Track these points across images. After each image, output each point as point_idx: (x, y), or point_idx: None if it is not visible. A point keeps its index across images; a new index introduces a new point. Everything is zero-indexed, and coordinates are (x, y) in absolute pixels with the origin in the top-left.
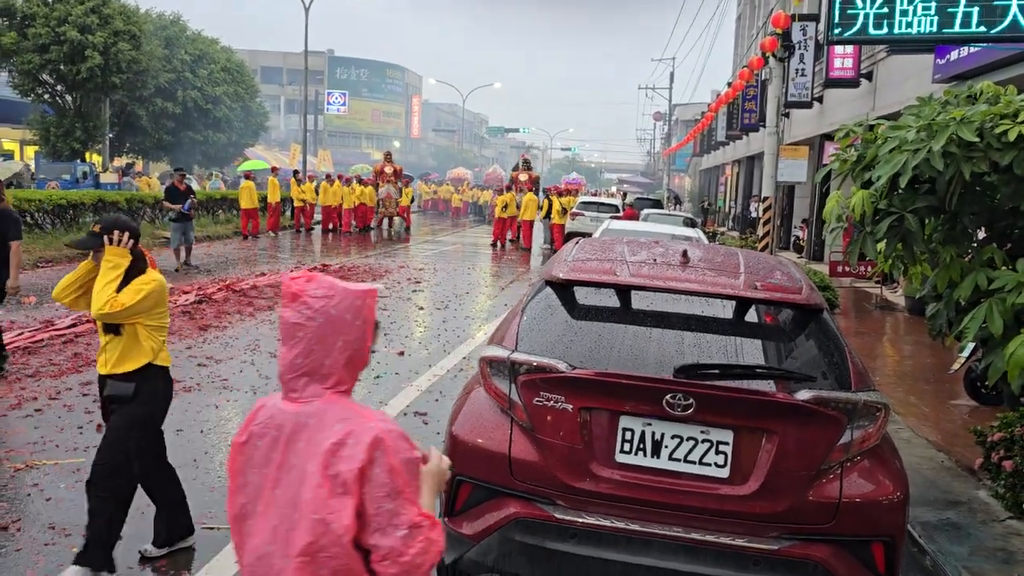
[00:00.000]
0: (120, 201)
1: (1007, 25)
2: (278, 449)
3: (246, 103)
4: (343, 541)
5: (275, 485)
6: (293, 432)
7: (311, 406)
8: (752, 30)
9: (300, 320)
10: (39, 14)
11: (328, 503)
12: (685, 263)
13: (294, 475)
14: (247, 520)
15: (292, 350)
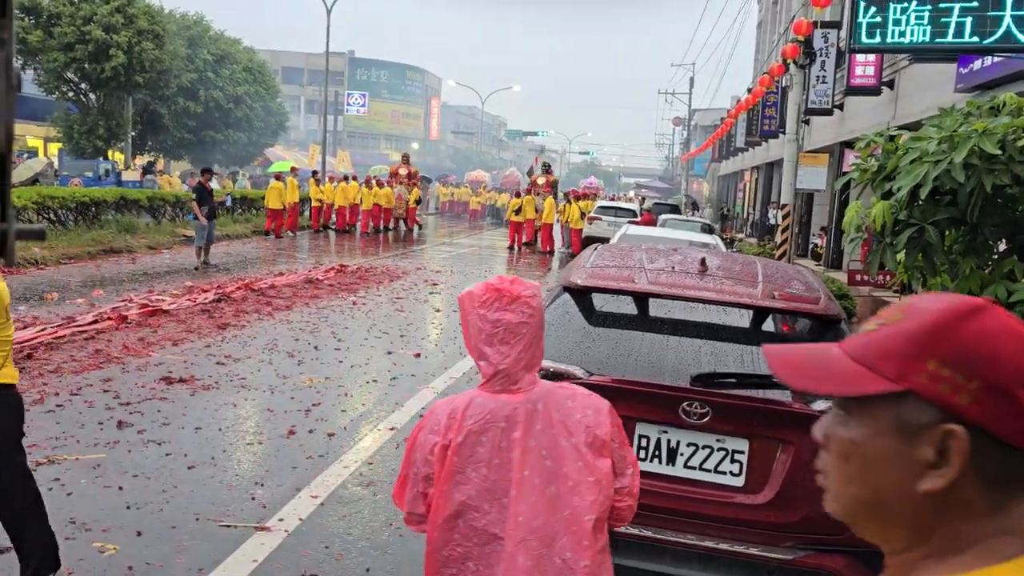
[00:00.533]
0: (141, 199)
1: (1000, 35)
2: (511, 437)
3: (267, 103)
4: (610, 492)
5: (523, 468)
6: (527, 419)
7: (532, 393)
8: (773, 36)
9: (523, 319)
10: (65, 13)
11: (596, 465)
12: (703, 271)
13: (543, 454)
14: (470, 513)
15: (515, 347)
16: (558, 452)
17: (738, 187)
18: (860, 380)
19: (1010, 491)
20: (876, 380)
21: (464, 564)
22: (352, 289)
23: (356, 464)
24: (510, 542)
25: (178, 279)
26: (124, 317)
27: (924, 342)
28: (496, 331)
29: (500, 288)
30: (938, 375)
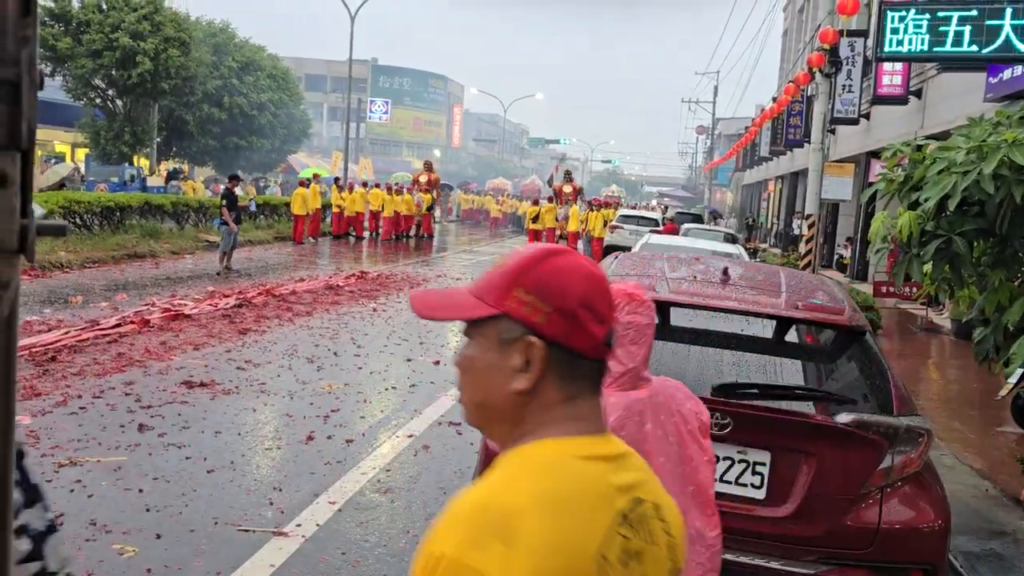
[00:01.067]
0: (165, 204)
1: (1000, 44)
2: (644, 430)
3: (290, 110)
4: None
5: (659, 456)
6: (653, 412)
7: (652, 388)
8: (799, 45)
9: (648, 321)
10: (94, 21)
11: (705, 446)
12: (725, 281)
13: (670, 440)
14: None
15: (643, 347)
16: (680, 438)
17: (762, 197)
18: (473, 308)
19: (580, 389)
20: (483, 307)
21: None
22: (372, 296)
23: (374, 471)
24: None
25: (200, 284)
26: (146, 321)
27: (514, 276)
28: (627, 332)
29: (631, 292)
30: (523, 300)
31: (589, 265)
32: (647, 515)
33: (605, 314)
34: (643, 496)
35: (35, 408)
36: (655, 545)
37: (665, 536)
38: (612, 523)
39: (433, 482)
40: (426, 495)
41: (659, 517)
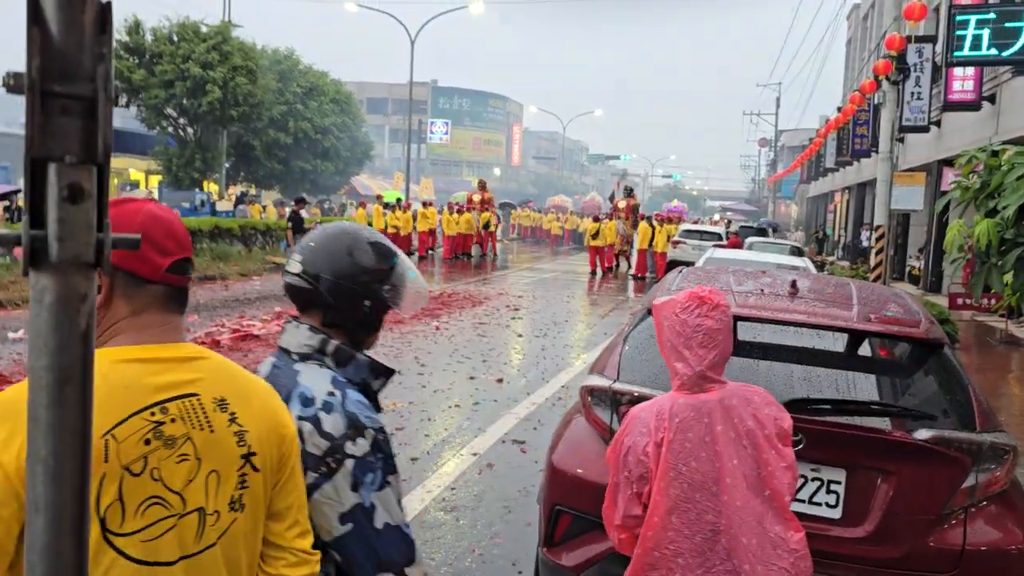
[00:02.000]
0: (234, 227)
1: (1020, 47)
2: (716, 430)
3: (353, 133)
4: (797, 475)
5: (731, 458)
6: (724, 414)
7: (723, 391)
8: (863, 53)
9: (721, 326)
10: (166, 52)
11: (784, 452)
12: (794, 294)
13: (744, 444)
14: (684, 506)
15: (712, 351)
16: (756, 442)
17: (828, 208)
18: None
19: (146, 306)
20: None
21: (674, 561)
22: (435, 314)
23: (439, 489)
24: (732, 526)
25: (268, 305)
26: (217, 342)
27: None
28: (695, 335)
29: (702, 296)
30: None
31: (156, 209)
32: (199, 407)
33: (167, 247)
34: (197, 391)
35: None
36: (210, 431)
37: (230, 425)
38: (134, 411)
39: (497, 500)
40: (491, 513)
41: (223, 410)
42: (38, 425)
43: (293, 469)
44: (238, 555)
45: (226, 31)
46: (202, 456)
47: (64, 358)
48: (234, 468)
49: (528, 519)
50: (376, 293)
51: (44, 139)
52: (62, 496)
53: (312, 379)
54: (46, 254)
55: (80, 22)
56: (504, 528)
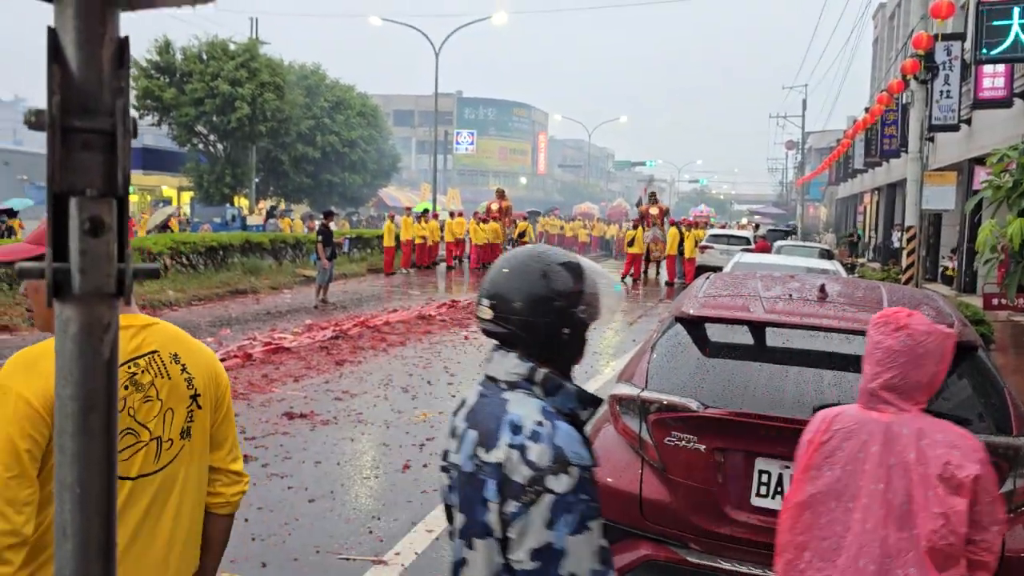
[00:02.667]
0: (264, 242)
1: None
2: (871, 450)
3: (380, 145)
4: (959, 531)
5: (878, 480)
6: (886, 438)
7: (901, 417)
8: (890, 52)
9: (903, 348)
10: (195, 70)
11: (945, 501)
12: (823, 298)
13: (899, 474)
14: (816, 507)
15: (887, 371)
16: (909, 475)
17: (857, 210)
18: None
19: None
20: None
21: (802, 552)
22: (464, 324)
23: None
24: (853, 545)
25: (298, 318)
26: (249, 355)
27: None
28: (875, 352)
29: (889, 315)
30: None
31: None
32: (160, 361)
33: None
34: (157, 349)
35: None
36: (168, 379)
37: (182, 373)
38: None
39: None
40: None
41: (176, 363)
42: (64, 453)
43: (228, 408)
44: (184, 474)
45: (254, 48)
46: (163, 398)
47: (88, 386)
48: (184, 405)
49: None
50: (572, 318)
51: (65, 174)
52: (89, 522)
53: (521, 408)
54: (69, 286)
55: (99, 58)
56: None
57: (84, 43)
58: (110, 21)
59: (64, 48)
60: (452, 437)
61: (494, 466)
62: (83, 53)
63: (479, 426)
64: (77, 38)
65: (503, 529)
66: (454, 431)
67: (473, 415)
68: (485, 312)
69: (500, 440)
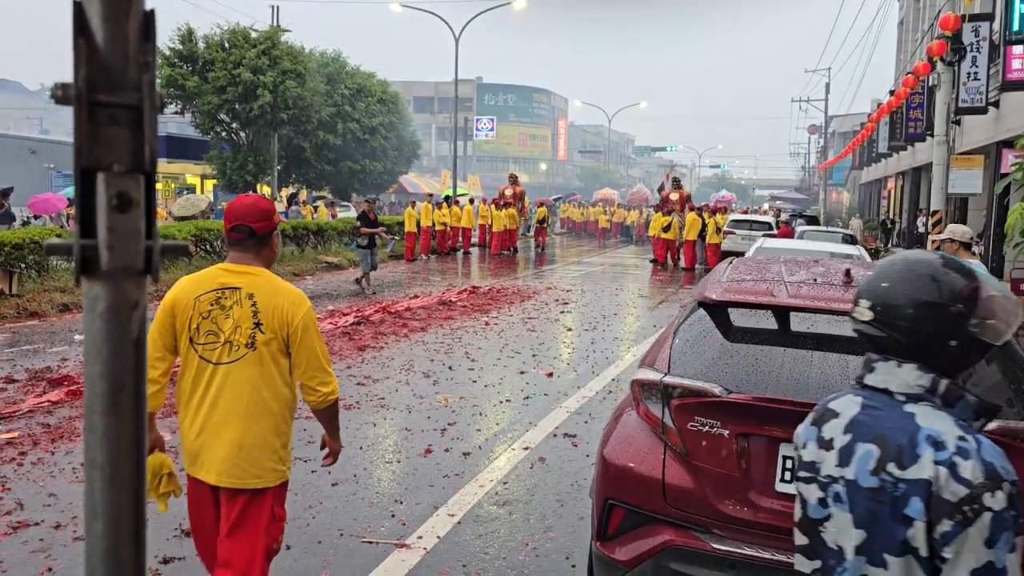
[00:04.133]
0: (286, 228)
1: None
2: None
3: (400, 132)
4: None
5: None
6: None
7: None
8: (916, 34)
9: None
10: (218, 59)
11: None
12: (848, 283)
13: None
14: None
15: None
16: None
17: (882, 195)
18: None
19: (231, 250)
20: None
21: None
22: (484, 310)
23: (491, 483)
24: None
25: (320, 304)
26: None
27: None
28: None
29: None
30: None
31: (236, 200)
32: (239, 295)
33: (227, 220)
34: (240, 286)
35: (174, 424)
36: (241, 307)
37: (251, 306)
38: (207, 290)
39: (550, 494)
40: (543, 507)
41: (249, 299)
42: (94, 432)
43: (301, 342)
44: (249, 371)
45: (275, 36)
46: (235, 317)
47: (117, 365)
48: (248, 326)
49: (581, 513)
50: (963, 329)
51: (92, 149)
52: (119, 501)
53: (936, 423)
54: (97, 262)
55: (125, 31)
56: (557, 522)
57: (110, 16)
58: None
59: (90, 21)
60: (824, 449)
61: (917, 483)
62: (109, 27)
63: (882, 441)
64: (103, 11)
65: (930, 548)
66: (828, 443)
67: (865, 428)
68: (864, 314)
69: (921, 456)
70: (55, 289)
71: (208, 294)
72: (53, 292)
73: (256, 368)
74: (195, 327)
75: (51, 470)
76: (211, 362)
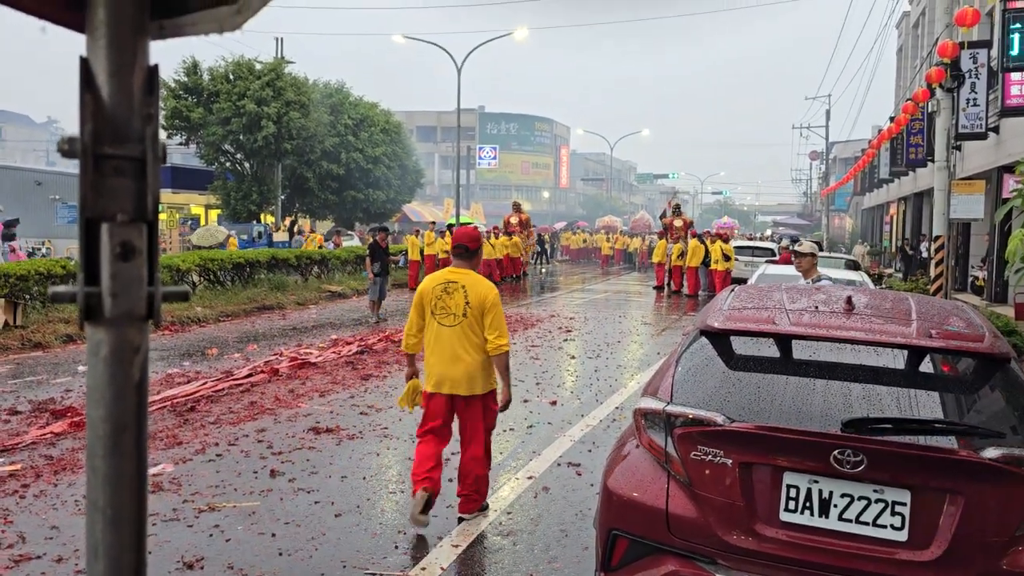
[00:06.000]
0: (290, 258)
1: None
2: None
3: (403, 162)
4: None
5: None
6: None
7: None
8: (915, 61)
9: None
10: (223, 90)
11: None
12: (850, 310)
13: None
14: None
15: None
16: None
17: (884, 220)
18: None
19: (455, 259)
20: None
21: None
22: None
23: (495, 513)
24: None
25: (324, 333)
26: (276, 370)
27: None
28: None
29: None
30: None
31: (461, 227)
32: (455, 287)
33: (452, 241)
34: (457, 280)
35: (177, 456)
36: (459, 293)
37: (462, 295)
38: (439, 283)
39: (555, 524)
40: (548, 538)
41: (462, 291)
42: (96, 474)
43: (489, 312)
44: (466, 334)
45: (279, 68)
46: (456, 299)
47: (119, 408)
48: (461, 305)
49: (585, 543)
50: None
51: (97, 199)
52: (120, 542)
53: None
54: (101, 309)
55: (129, 86)
56: (561, 552)
57: (116, 72)
58: (141, 50)
59: (96, 77)
60: None
61: None
62: (114, 82)
63: None
64: (109, 67)
65: None
66: None
67: None
68: None
69: None
70: (59, 320)
71: (439, 286)
72: (57, 323)
73: (468, 330)
74: (434, 305)
75: (53, 503)
76: (444, 325)
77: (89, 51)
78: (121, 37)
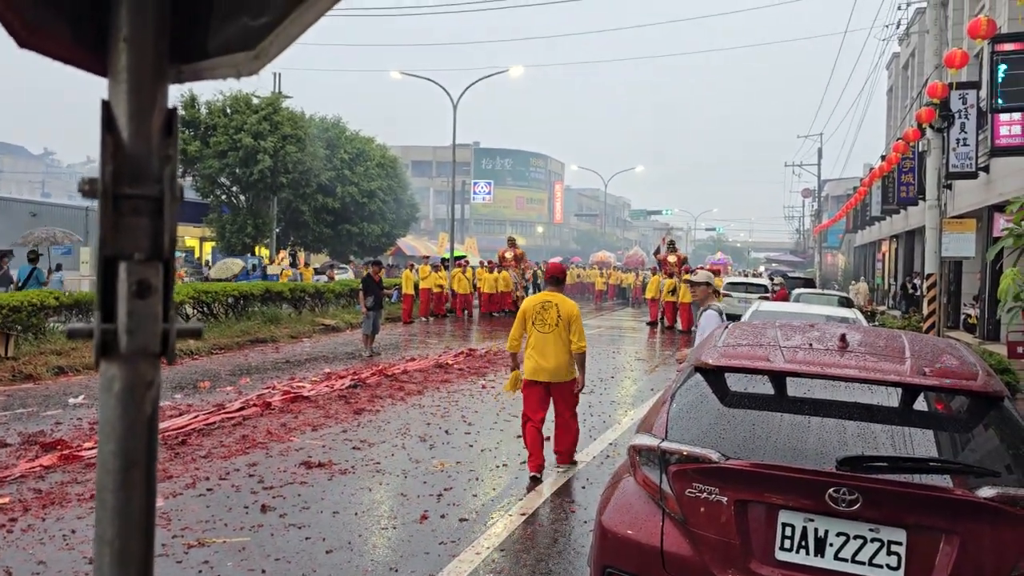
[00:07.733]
0: (284, 291)
1: None
2: None
3: (398, 196)
4: None
5: None
6: None
7: None
8: (905, 101)
9: None
10: (219, 124)
11: None
12: (844, 348)
13: None
14: None
15: None
16: None
17: (876, 257)
18: None
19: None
20: None
21: None
22: (481, 372)
23: (488, 551)
24: None
25: (317, 366)
26: (268, 404)
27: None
28: None
29: None
30: None
31: (554, 263)
32: (550, 305)
33: (547, 273)
34: (552, 300)
35: (167, 490)
36: (553, 310)
37: (555, 311)
38: (539, 303)
39: (548, 561)
40: (541, 575)
41: (555, 308)
42: (105, 508)
43: (573, 322)
44: (558, 338)
45: (276, 102)
46: (551, 314)
47: (130, 443)
48: (553, 318)
49: None
50: None
51: (115, 238)
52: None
53: None
54: (116, 345)
55: (149, 128)
56: None
57: (136, 114)
58: (160, 94)
59: (117, 119)
60: None
61: None
62: (134, 124)
63: None
64: (129, 110)
65: None
66: None
67: None
68: None
69: None
70: (51, 352)
71: (538, 304)
72: (49, 355)
73: (561, 336)
74: (534, 318)
75: (41, 537)
76: (542, 332)
77: (111, 95)
78: (142, 82)
